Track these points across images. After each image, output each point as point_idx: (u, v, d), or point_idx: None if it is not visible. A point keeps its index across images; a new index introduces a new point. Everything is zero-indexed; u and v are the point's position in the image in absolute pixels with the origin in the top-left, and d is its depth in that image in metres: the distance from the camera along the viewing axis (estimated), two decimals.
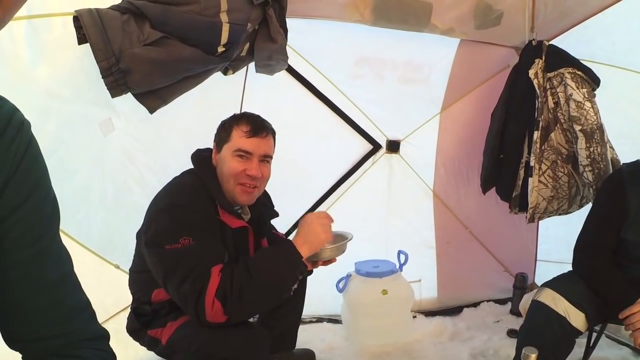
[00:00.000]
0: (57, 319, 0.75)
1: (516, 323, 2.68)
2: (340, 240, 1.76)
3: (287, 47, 2.05)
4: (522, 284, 2.99)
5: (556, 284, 1.92)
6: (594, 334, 1.98)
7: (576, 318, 1.80)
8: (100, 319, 0.84)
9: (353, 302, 2.62)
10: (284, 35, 2.03)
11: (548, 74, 2.23)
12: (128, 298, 1.72)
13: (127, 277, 1.73)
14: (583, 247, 1.95)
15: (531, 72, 2.23)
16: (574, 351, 1.85)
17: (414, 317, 2.87)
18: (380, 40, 2.37)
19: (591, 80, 2.20)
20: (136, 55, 1.53)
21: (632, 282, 1.76)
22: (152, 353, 1.67)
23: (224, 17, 1.79)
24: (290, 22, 2.02)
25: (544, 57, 2.25)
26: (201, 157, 1.70)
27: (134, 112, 1.74)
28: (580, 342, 1.94)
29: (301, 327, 2.64)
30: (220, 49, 1.84)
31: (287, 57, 2.11)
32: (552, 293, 1.86)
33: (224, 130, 1.65)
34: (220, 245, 1.52)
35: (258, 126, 1.63)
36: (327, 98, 2.56)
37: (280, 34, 2.01)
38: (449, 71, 2.57)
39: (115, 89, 1.52)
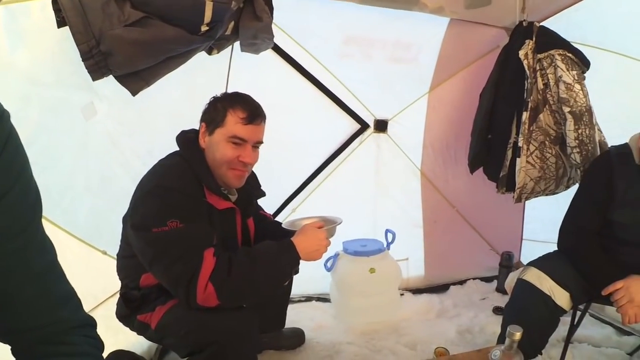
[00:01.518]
0: (46, 308, 0.76)
1: (502, 300, 2.76)
2: (330, 224, 1.77)
3: (273, 26, 2.00)
4: (507, 262, 3.07)
5: (542, 263, 1.96)
6: (579, 313, 2.03)
7: (561, 297, 1.85)
8: (89, 306, 0.84)
9: (341, 281, 2.65)
10: (269, 13, 1.97)
11: (538, 55, 2.21)
12: (117, 284, 1.71)
13: (115, 263, 1.72)
14: (569, 227, 1.98)
15: (521, 53, 2.21)
16: (558, 329, 1.90)
17: (402, 295, 2.91)
18: (369, 19, 2.31)
19: (581, 63, 2.19)
20: (117, 36, 1.47)
21: (617, 263, 1.80)
22: (142, 338, 1.68)
23: None
24: (276, 0, 1.96)
25: (534, 38, 2.22)
26: (186, 139, 1.66)
27: (117, 95, 1.68)
28: (565, 320, 1.99)
29: (290, 307, 2.68)
30: (204, 28, 1.77)
31: (273, 36, 2.07)
32: (537, 272, 1.90)
33: (216, 112, 1.60)
34: (209, 228, 1.51)
35: (254, 113, 1.61)
36: (314, 77, 2.52)
37: (266, 12, 1.95)
38: (438, 51, 2.54)
39: (96, 72, 1.47)
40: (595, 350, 2.29)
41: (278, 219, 2.75)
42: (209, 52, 1.98)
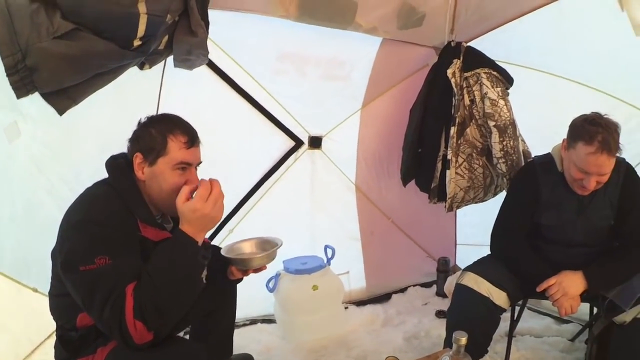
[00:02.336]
0: None
1: (443, 304, 2.88)
2: (270, 247, 1.73)
3: (208, 41, 1.94)
4: (444, 267, 3.22)
5: (477, 267, 2.07)
6: (517, 308, 2.17)
7: (499, 297, 1.96)
8: (25, 351, 0.72)
9: (285, 301, 2.61)
10: (205, 28, 1.91)
11: (465, 74, 2.38)
12: (53, 324, 1.52)
13: (47, 300, 1.53)
14: (500, 232, 2.12)
15: (449, 72, 2.36)
16: (500, 325, 2.02)
17: (346, 308, 2.93)
18: (304, 37, 2.32)
19: (505, 80, 2.39)
20: (44, 50, 1.34)
21: (547, 261, 1.96)
22: None
23: (142, 8, 1.62)
24: (211, 14, 1.90)
25: (461, 58, 2.39)
26: (116, 166, 1.52)
27: (42, 114, 1.52)
28: (506, 317, 2.11)
29: (236, 332, 2.56)
30: (137, 43, 1.68)
31: (208, 52, 2.00)
32: (474, 276, 2.00)
33: (154, 140, 1.48)
34: (137, 261, 1.39)
35: (194, 135, 1.54)
36: (248, 94, 2.48)
37: (202, 27, 1.88)
38: (370, 68, 2.61)
39: (21, 89, 1.31)
40: (537, 341, 2.46)
41: (215, 241, 2.64)
42: (141, 67, 1.87)
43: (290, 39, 2.35)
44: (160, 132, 1.48)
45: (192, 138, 1.52)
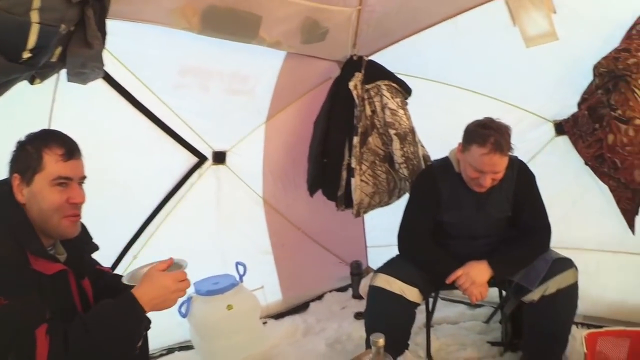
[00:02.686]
0: None
1: (360, 306, 2.95)
2: (175, 269, 1.57)
3: (106, 53, 1.82)
4: (357, 270, 3.33)
5: (387, 268, 2.16)
6: (432, 300, 2.31)
7: (411, 293, 2.06)
8: None
9: (199, 325, 2.47)
10: (101, 40, 1.78)
11: (366, 86, 2.53)
12: None
13: None
14: (405, 233, 2.24)
15: (351, 84, 2.49)
16: (418, 318, 2.14)
17: (265, 323, 2.87)
18: (207, 50, 2.28)
19: (404, 91, 2.58)
20: None
21: (453, 254, 2.12)
22: None
23: (34, 17, 1.47)
24: (110, 25, 1.77)
25: (363, 71, 2.54)
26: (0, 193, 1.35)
27: None
28: (421, 309, 2.21)
29: None
30: (26, 55, 1.52)
31: (103, 65, 1.86)
32: (385, 277, 2.08)
33: (29, 157, 1.34)
34: (38, 301, 1.25)
35: (72, 146, 1.40)
36: (147, 109, 2.35)
37: (98, 39, 1.75)
38: (274, 82, 2.64)
39: None
40: (454, 327, 2.64)
41: (119, 268, 2.42)
42: (31, 82, 1.68)
43: (192, 52, 2.29)
44: (36, 147, 1.35)
45: (70, 150, 1.38)
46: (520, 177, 2.12)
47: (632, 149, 2.04)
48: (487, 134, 1.94)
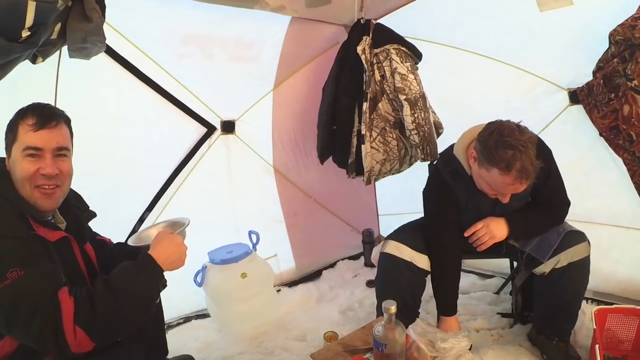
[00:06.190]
0: None
1: (372, 273, 2.94)
2: (178, 228, 1.70)
3: (106, 26, 1.77)
4: (369, 238, 3.35)
5: (398, 235, 2.16)
6: None
7: (421, 260, 2.08)
8: None
9: (215, 293, 2.54)
10: (100, 12, 1.74)
11: (375, 50, 2.43)
12: None
13: None
14: (434, 249, 2.10)
15: (359, 48, 2.40)
16: (429, 287, 2.15)
17: (279, 291, 2.94)
18: (208, 17, 2.21)
19: (414, 55, 2.48)
20: None
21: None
22: None
23: None
24: None
25: (371, 35, 2.43)
26: None
27: None
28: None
29: (172, 332, 2.49)
30: (25, 34, 1.48)
31: (105, 38, 1.81)
32: (395, 244, 2.09)
33: (10, 128, 1.42)
34: (53, 266, 1.33)
35: (45, 116, 1.41)
36: (153, 81, 2.31)
37: (97, 12, 1.71)
38: (280, 48, 2.56)
39: None
40: (465, 297, 2.66)
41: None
42: (33, 61, 1.65)
43: (194, 21, 2.23)
44: (15, 119, 1.42)
45: (41, 119, 1.40)
46: (540, 161, 1.83)
47: None
48: (512, 158, 1.67)
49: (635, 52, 1.91)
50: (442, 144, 2.20)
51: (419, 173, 2.34)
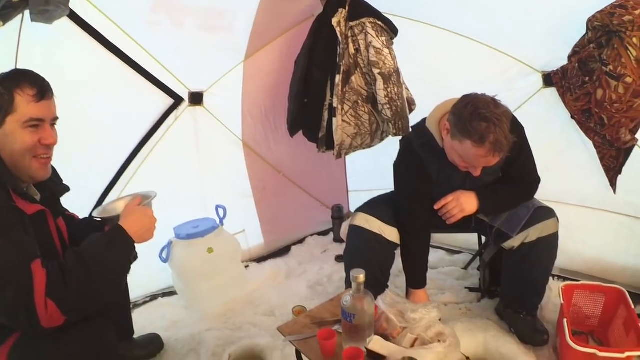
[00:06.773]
0: None
1: (341, 249, 2.93)
2: (146, 200, 1.66)
3: None
4: (339, 214, 3.36)
5: (367, 208, 2.16)
6: None
7: (390, 233, 2.08)
8: None
9: (181, 269, 2.50)
10: None
11: (350, 23, 2.39)
12: None
13: None
14: (405, 225, 2.11)
15: (334, 20, 2.36)
16: (398, 261, 2.18)
17: (247, 266, 2.93)
18: None
19: (390, 30, 2.45)
20: None
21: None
22: None
23: None
24: None
25: (347, 7, 2.40)
26: None
27: None
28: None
29: (138, 311, 2.44)
30: None
31: (69, 1, 1.76)
32: (365, 216, 2.09)
33: (1, 97, 1.34)
34: (29, 237, 1.31)
35: (45, 86, 1.40)
36: (118, 49, 2.21)
37: None
38: (253, 19, 2.48)
39: None
40: (434, 272, 2.70)
41: None
42: None
43: None
44: (7, 88, 1.35)
45: (42, 90, 1.38)
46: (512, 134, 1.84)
47: (620, 106, 1.99)
48: (485, 130, 1.67)
49: (612, 38, 1.94)
50: (414, 121, 2.19)
51: (389, 150, 2.32)
